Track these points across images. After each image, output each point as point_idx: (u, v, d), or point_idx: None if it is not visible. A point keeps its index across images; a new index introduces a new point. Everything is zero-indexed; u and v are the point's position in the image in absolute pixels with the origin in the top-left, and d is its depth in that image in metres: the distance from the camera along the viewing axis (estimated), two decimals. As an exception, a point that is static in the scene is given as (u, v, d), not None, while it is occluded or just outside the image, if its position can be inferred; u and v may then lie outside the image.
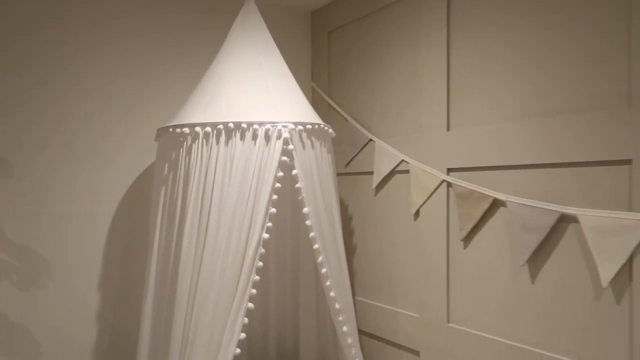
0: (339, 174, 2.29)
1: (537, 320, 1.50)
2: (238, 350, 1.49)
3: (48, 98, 1.84)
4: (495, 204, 1.62)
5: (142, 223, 1.98)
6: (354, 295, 2.21)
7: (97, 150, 1.93)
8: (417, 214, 1.91)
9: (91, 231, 1.92)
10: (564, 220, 1.43)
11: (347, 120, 2.25)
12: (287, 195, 2.05)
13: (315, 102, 2.48)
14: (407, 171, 1.94)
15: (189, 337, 1.50)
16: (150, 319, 1.66)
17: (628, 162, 1.29)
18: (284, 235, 2.19)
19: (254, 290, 1.54)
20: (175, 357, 1.51)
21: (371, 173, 2.11)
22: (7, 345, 1.73)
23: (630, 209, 1.29)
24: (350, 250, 2.24)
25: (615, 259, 1.30)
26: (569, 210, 1.40)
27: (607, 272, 1.31)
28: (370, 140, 2.11)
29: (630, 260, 1.28)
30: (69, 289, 1.85)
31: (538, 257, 1.50)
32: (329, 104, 2.39)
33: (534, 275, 1.51)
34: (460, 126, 1.75)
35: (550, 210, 1.44)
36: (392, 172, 2.02)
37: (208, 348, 1.48)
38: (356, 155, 2.20)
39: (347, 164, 2.25)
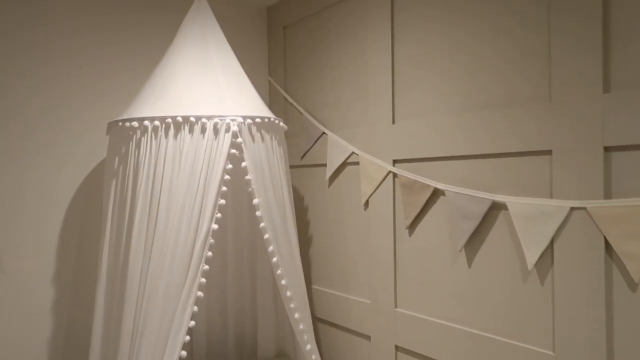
0: (295, 167, 2.34)
1: (473, 303, 1.59)
2: (187, 338, 1.53)
3: (-2, 92, 1.84)
4: (436, 193, 1.70)
5: (96, 217, 2.00)
6: (311, 284, 2.28)
7: (50, 146, 1.94)
8: (366, 204, 1.98)
9: (44, 226, 1.92)
10: (495, 208, 1.52)
11: (301, 113, 2.31)
12: (244, 190, 2.09)
13: (272, 96, 2.52)
14: (357, 163, 2.00)
15: (139, 327, 1.54)
16: (103, 311, 1.69)
17: (549, 152, 1.38)
18: (241, 229, 2.24)
19: (203, 280, 1.59)
20: (126, 347, 1.54)
21: (325, 165, 2.18)
22: (-42, 340, 1.73)
23: (551, 196, 1.38)
24: (306, 241, 2.30)
25: (538, 243, 1.39)
26: (499, 198, 1.49)
27: (532, 255, 1.40)
28: (324, 133, 2.17)
29: (551, 244, 1.38)
30: (22, 283, 1.86)
31: (473, 243, 1.58)
32: (285, 98, 2.44)
33: (470, 260, 1.60)
34: (404, 119, 1.82)
35: (483, 198, 1.52)
36: (344, 164, 2.08)
37: (157, 336, 1.52)
38: (310, 148, 2.25)
39: (303, 157, 2.30)
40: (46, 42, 1.93)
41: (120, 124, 1.70)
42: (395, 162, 1.84)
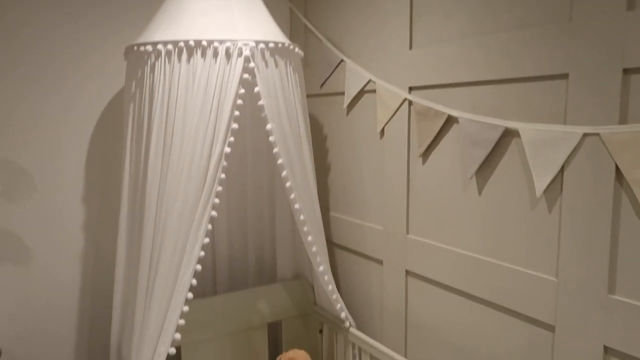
0: (314, 95, 2.33)
1: (481, 230, 1.60)
2: (202, 253, 1.62)
3: (19, 20, 1.87)
4: (449, 121, 1.67)
5: (119, 137, 2.08)
6: (329, 210, 2.33)
7: (74, 68, 1.99)
8: (382, 132, 1.97)
9: (70, 145, 2.02)
10: (508, 135, 1.48)
11: (321, 40, 2.26)
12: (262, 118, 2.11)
13: (293, 24, 2.47)
14: (374, 91, 1.97)
15: (157, 244, 1.63)
16: (125, 229, 1.80)
17: (565, 76, 1.32)
18: (260, 155, 2.29)
19: (216, 200, 1.65)
20: (146, 262, 1.65)
21: (343, 93, 2.15)
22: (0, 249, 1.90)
23: (565, 123, 1.33)
24: (325, 169, 2.33)
25: (548, 170, 1.36)
26: (512, 124, 1.45)
27: (541, 182, 1.38)
28: (342, 60, 2.13)
29: (561, 171, 1.35)
30: (53, 201, 1.99)
31: (484, 171, 1.57)
32: (305, 25, 2.38)
33: (480, 187, 1.59)
34: (421, 45, 1.76)
35: (495, 125, 1.49)
36: (361, 92, 2.06)
37: (174, 252, 1.61)
38: (329, 76, 2.22)
39: (322, 85, 2.28)
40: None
41: (135, 48, 1.72)
42: (411, 89, 1.81)
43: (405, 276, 1.91)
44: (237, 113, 1.68)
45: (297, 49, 1.91)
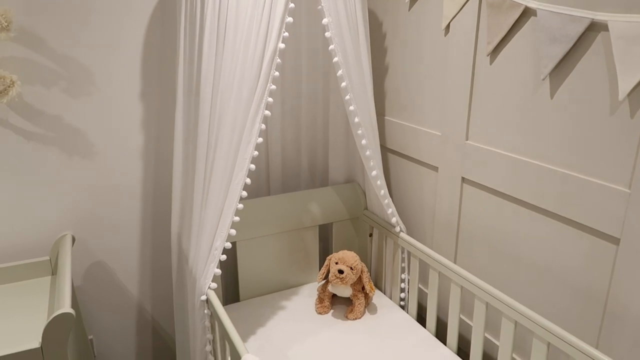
0: (374, -12, 2.15)
1: (551, 136, 1.48)
2: (256, 153, 1.62)
3: None
4: (526, 13, 1.49)
5: (174, 34, 2.04)
6: (384, 115, 2.25)
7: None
8: (447, 28, 1.81)
9: (126, 42, 1.99)
10: (593, 29, 1.31)
11: None
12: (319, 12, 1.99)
13: None
14: (441, -19, 1.78)
15: (213, 142, 1.63)
16: (181, 126, 1.81)
17: (675, -46, 1.11)
18: (315, 54, 2.19)
19: (270, 99, 1.61)
20: (202, 160, 1.67)
21: (406, -15, 1.97)
22: (66, 143, 1.97)
23: (666, 12, 1.15)
24: (381, 70, 2.21)
25: (637, 69, 1.20)
26: (600, 16, 1.27)
27: (626, 83, 1.23)
28: (407, -54, 1.93)
29: (654, 70, 1.19)
30: (112, 97, 2.01)
31: (561, 71, 1.42)
32: None
33: (554, 90, 1.45)
34: None
35: (581, 17, 1.31)
36: (427, -17, 1.87)
37: (229, 150, 1.61)
38: (392, -35, 2.03)
39: (383, -24, 2.09)
40: None
41: None
42: (484, -23, 1.62)
43: (461, 183, 1.84)
44: (291, 5, 1.57)
45: None
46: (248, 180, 1.62)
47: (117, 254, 2.20)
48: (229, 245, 1.64)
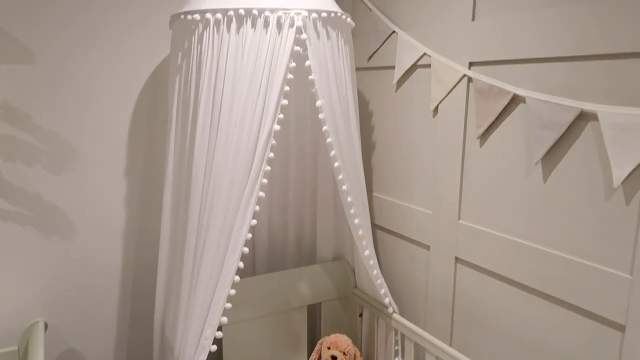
0: (361, 69, 2.22)
1: (545, 219, 1.49)
2: (249, 235, 1.57)
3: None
4: (515, 100, 1.55)
5: (162, 110, 2.02)
6: (371, 191, 2.25)
7: (121, 39, 1.93)
8: (436, 110, 1.85)
9: (114, 118, 1.97)
10: (583, 118, 1.36)
11: (370, 9, 2.13)
12: (307, 91, 2.02)
13: (340, -8, 2.34)
14: (429, 65, 1.85)
15: (204, 222, 1.58)
16: (170, 205, 1.75)
17: (658, 53, 1.19)
18: (303, 131, 2.20)
19: (265, 180, 1.59)
20: (192, 240, 1.61)
21: (393, 67, 2.04)
22: (43, 222, 1.88)
23: (654, 106, 1.21)
24: (369, 147, 2.24)
25: (630, 158, 1.24)
26: (589, 106, 1.32)
27: (620, 171, 1.26)
28: (393, 32, 2.01)
29: (646, 159, 1.23)
30: (95, 174, 1.95)
31: (553, 156, 1.45)
32: (354, -7, 2.26)
33: (546, 174, 1.48)
34: (486, 15, 1.62)
35: (570, 106, 1.36)
36: (414, 67, 1.94)
37: (221, 233, 1.56)
38: (379, 48, 2.11)
39: (370, 58, 2.17)
40: None
41: (182, 17, 1.63)
42: (471, 64, 1.68)
43: (454, 263, 1.82)
44: (286, 88, 1.59)
45: (348, 19, 1.80)
46: (241, 264, 1.56)
47: (92, 340, 2.05)
48: (220, 334, 1.55)
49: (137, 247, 2.08)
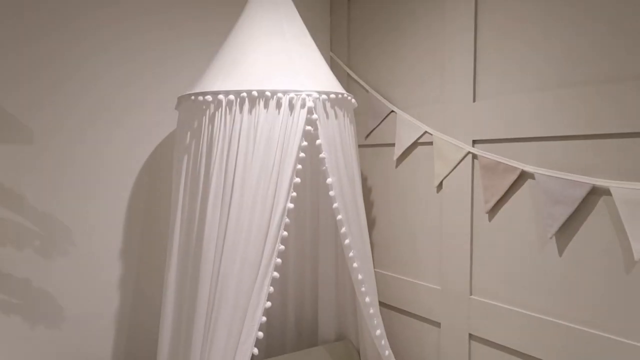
0: (359, 146, 2.26)
1: (564, 293, 1.49)
2: (264, 319, 1.49)
3: (70, 66, 1.81)
4: (523, 176, 1.59)
5: (162, 192, 1.98)
6: (374, 268, 2.21)
7: (119, 119, 1.92)
8: (440, 186, 1.88)
9: (111, 199, 1.91)
10: (595, 193, 1.40)
11: (367, 91, 2.21)
12: (306, 167, 2.03)
13: (334, 72, 2.42)
14: (430, 143, 1.91)
15: (214, 304, 1.51)
16: (174, 288, 1.67)
17: (665, 133, 1.26)
18: (303, 207, 2.18)
19: (279, 260, 1.54)
20: (201, 324, 1.52)
21: (392, 145, 2.09)
22: (31, 310, 1.75)
23: (666, 181, 1.26)
24: (370, 223, 2.22)
25: (648, 231, 1.28)
26: (601, 182, 1.37)
27: (639, 245, 1.29)
28: (392, 111, 2.08)
29: (664, 233, 1.26)
30: (90, 256, 1.86)
31: (567, 230, 1.48)
32: (348, 74, 2.35)
33: (562, 248, 1.50)
34: (487, 97, 1.71)
35: (581, 182, 1.41)
36: (414, 144, 1.99)
37: (233, 316, 1.48)
38: (377, 126, 2.16)
39: (367, 136, 2.22)
40: (116, 21, 1.89)
41: (192, 98, 1.64)
42: (475, 142, 1.74)
43: (468, 341, 1.77)
44: (299, 166, 1.59)
45: (353, 100, 1.85)
46: (255, 351, 1.47)
47: None
48: None
49: (129, 336, 1.95)
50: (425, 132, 1.92)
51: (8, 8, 1.70)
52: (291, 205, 1.57)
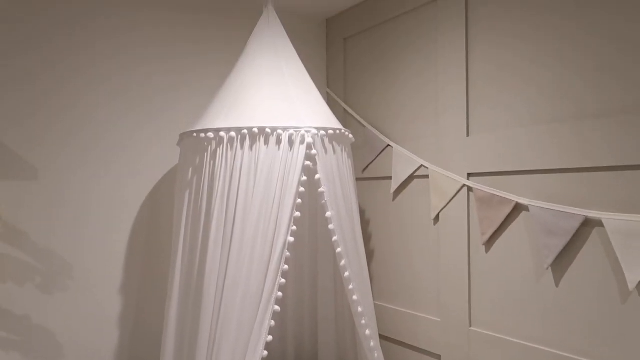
0: (356, 179, 2.30)
1: (562, 323, 1.51)
2: (265, 353, 1.50)
3: (68, 101, 1.86)
4: (517, 208, 1.63)
5: (164, 226, 2.00)
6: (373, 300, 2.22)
7: (119, 154, 1.96)
8: (437, 218, 1.92)
9: (112, 234, 1.93)
10: (588, 224, 1.44)
11: (364, 126, 2.27)
12: (305, 200, 2.06)
13: (331, 109, 2.49)
14: (427, 176, 1.95)
15: (215, 339, 1.52)
16: (175, 322, 1.67)
17: (653, 166, 1.31)
18: (302, 240, 2.21)
19: (280, 293, 1.56)
20: (202, 358, 1.52)
21: (389, 178, 2.13)
22: (29, 347, 1.74)
23: (656, 213, 1.30)
24: (368, 255, 2.25)
25: (641, 262, 1.31)
26: (593, 214, 1.41)
27: (633, 275, 1.32)
28: (388, 145, 2.13)
29: (656, 263, 1.30)
30: (90, 292, 1.87)
31: (562, 261, 1.51)
32: (345, 110, 2.41)
33: (558, 278, 1.53)
34: (481, 132, 1.77)
35: (574, 214, 1.45)
36: (410, 177, 2.03)
37: (235, 350, 1.49)
38: (373, 160, 2.21)
39: (365, 169, 2.26)
40: (115, 53, 1.95)
41: (194, 134, 1.69)
42: (469, 175, 1.79)
43: (469, 373, 1.78)
44: (299, 201, 1.63)
45: (350, 135, 1.91)
46: (257, 386, 1.47)
47: None
48: None
49: (130, 369, 1.94)
50: (421, 165, 1.97)
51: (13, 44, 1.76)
52: (292, 239, 1.60)
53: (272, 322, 1.53)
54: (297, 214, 1.62)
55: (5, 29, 1.74)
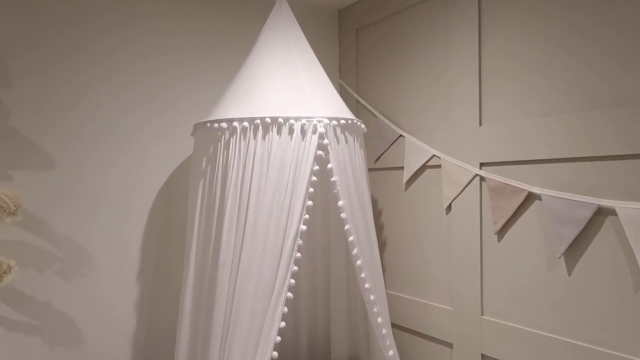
0: (368, 170, 2.31)
1: (575, 312, 1.51)
2: (278, 338, 1.53)
3: (83, 90, 1.90)
4: (530, 198, 1.63)
5: (178, 215, 2.04)
6: (385, 288, 2.23)
7: (134, 143, 2.00)
8: (449, 208, 1.92)
9: (128, 223, 1.97)
10: (601, 213, 1.44)
11: (376, 116, 2.28)
12: (317, 190, 2.08)
13: (343, 99, 2.50)
14: (439, 166, 1.95)
15: (229, 325, 1.55)
16: (190, 309, 1.71)
17: (668, 154, 1.30)
18: (314, 229, 2.23)
19: (292, 281, 1.58)
20: (216, 345, 1.55)
21: (401, 168, 2.14)
22: (50, 332, 1.80)
23: (670, 201, 1.29)
24: (380, 244, 2.26)
25: (654, 250, 1.30)
26: (606, 203, 1.41)
27: (646, 263, 1.32)
28: (400, 135, 2.14)
29: (670, 251, 1.29)
30: (108, 279, 1.91)
31: (575, 250, 1.50)
32: (357, 101, 2.42)
33: (570, 267, 1.52)
34: (493, 121, 1.76)
35: (587, 203, 1.45)
36: (423, 167, 2.04)
37: (248, 336, 1.52)
38: (386, 150, 2.22)
39: (377, 160, 2.27)
40: (127, 44, 1.99)
41: (208, 125, 1.72)
42: (482, 165, 1.79)
43: (480, 361, 1.79)
44: (311, 189, 1.65)
45: (362, 125, 1.91)
46: (271, 370, 1.50)
47: None
48: None
49: (145, 355, 1.98)
50: (434, 155, 1.97)
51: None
52: (304, 227, 1.62)
53: (285, 309, 1.56)
54: (310, 202, 1.64)
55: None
